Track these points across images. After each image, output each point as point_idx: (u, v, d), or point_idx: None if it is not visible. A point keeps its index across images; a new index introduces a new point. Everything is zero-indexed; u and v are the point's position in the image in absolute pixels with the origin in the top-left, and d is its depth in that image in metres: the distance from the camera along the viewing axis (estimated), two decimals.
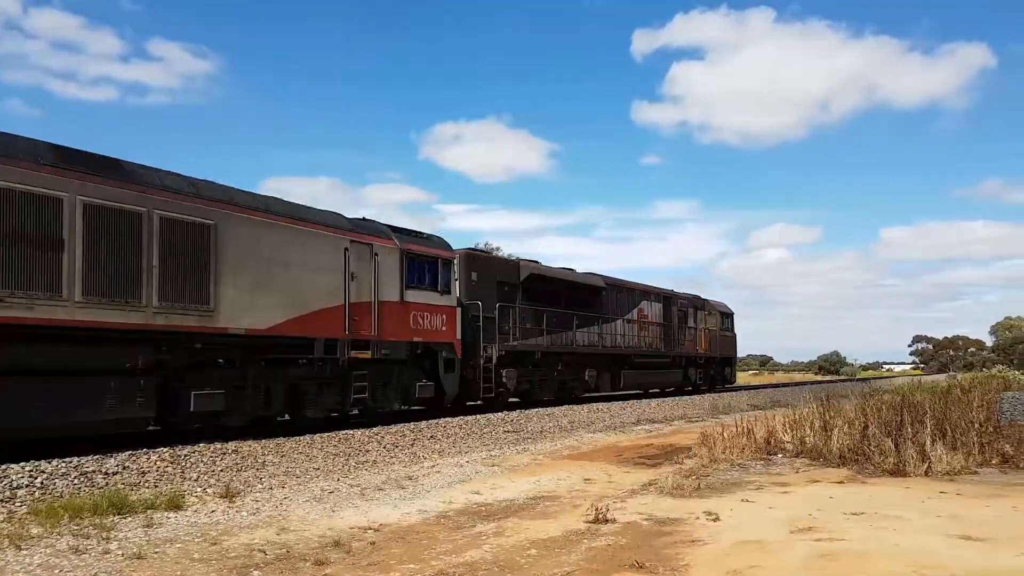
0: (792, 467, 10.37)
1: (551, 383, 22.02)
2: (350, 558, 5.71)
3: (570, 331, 22.65)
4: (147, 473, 8.87)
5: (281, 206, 13.30)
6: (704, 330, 32.39)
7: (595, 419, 18.00)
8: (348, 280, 13.96)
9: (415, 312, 15.77)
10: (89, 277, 9.88)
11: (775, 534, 6.38)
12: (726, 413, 20.76)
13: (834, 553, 5.71)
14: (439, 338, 16.51)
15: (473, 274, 18.85)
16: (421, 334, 15.92)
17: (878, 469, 9.82)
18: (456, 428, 14.20)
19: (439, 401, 16.83)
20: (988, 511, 7.33)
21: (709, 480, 9.26)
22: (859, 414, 11.78)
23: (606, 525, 6.74)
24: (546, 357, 21.49)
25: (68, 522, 6.59)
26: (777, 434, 12.24)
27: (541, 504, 7.93)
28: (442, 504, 7.91)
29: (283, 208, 13.27)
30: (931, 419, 10.95)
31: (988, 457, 10.43)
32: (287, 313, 12.69)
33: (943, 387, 17.32)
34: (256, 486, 8.81)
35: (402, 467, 10.56)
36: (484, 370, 18.51)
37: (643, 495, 8.37)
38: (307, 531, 6.61)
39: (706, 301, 33.31)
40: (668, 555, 5.72)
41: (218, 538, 6.30)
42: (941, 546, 5.91)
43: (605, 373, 24.77)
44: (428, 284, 16.21)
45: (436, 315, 16.40)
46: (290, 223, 13.02)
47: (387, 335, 14.90)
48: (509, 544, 6.14)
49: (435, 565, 5.49)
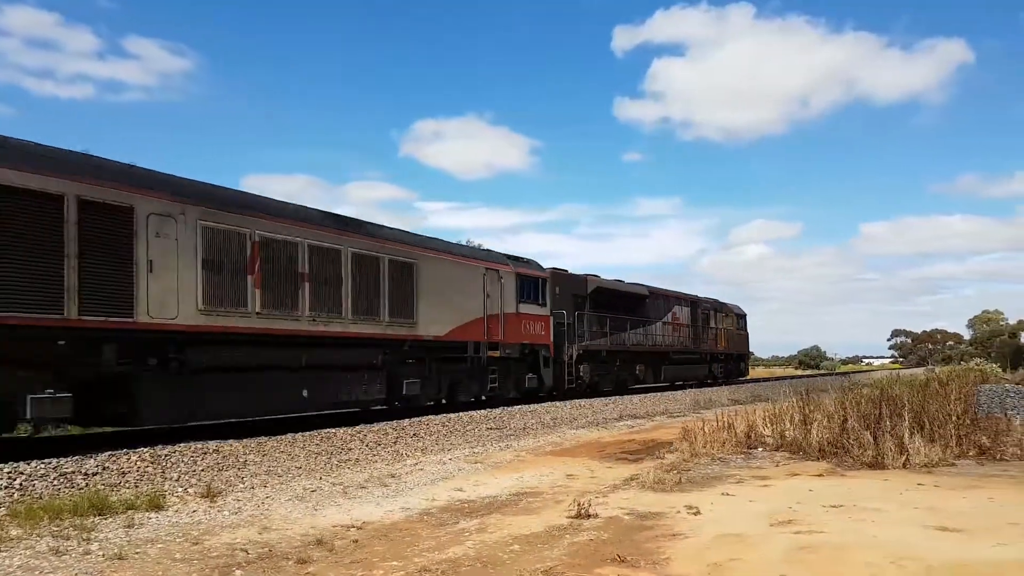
0: (772, 461, 10.46)
1: (611, 376, 26.01)
2: (333, 556, 5.70)
3: (624, 333, 26.97)
4: (127, 473, 8.80)
5: (446, 246, 18.42)
6: (723, 330, 36.46)
7: (578, 415, 18.05)
8: (485, 298, 18.57)
9: (525, 321, 20.38)
10: (356, 302, 14.41)
11: (755, 527, 6.44)
12: (707, 408, 20.89)
13: (813, 545, 5.78)
14: (540, 341, 21.10)
15: (556, 288, 22.68)
16: (529, 338, 20.51)
17: (857, 462, 9.93)
18: (439, 426, 14.19)
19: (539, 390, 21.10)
20: (965, 502, 7.43)
21: (690, 474, 9.32)
22: (838, 408, 11.90)
23: (588, 520, 6.77)
24: (608, 355, 25.65)
25: (48, 523, 6.54)
26: (757, 428, 12.35)
27: (524, 500, 7.96)
28: (425, 501, 7.92)
29: (448, 247, 18.42)
30: (909, 412, 11.08)
31: (965, 449, 10.57)
32: (453, 324, 17.35)
33: (921, 380, 17.51)
34: (238, 485, 8.77)
35: (385, 465, 10.56)
36: (568, 366, 22.86)
37: (625, 490, 8.41)
38: (289, 530, 6.60)
39: (724, 304, 37.21)
40: (649, 549, 5.76)
41: (200, 538, 6.28)
42: (918, 537, 5.99)
43: (649, 368, 29.05)
44: (532, 299, 20.79)
45: (538, 323, 21.07)
46: (452, 258, 17.89)
47: (508, 339, 19.49)
48: (492, 540, 6.16)
49: (418, 562, 5.50)
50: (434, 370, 16.93)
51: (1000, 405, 13.85)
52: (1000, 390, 15.78)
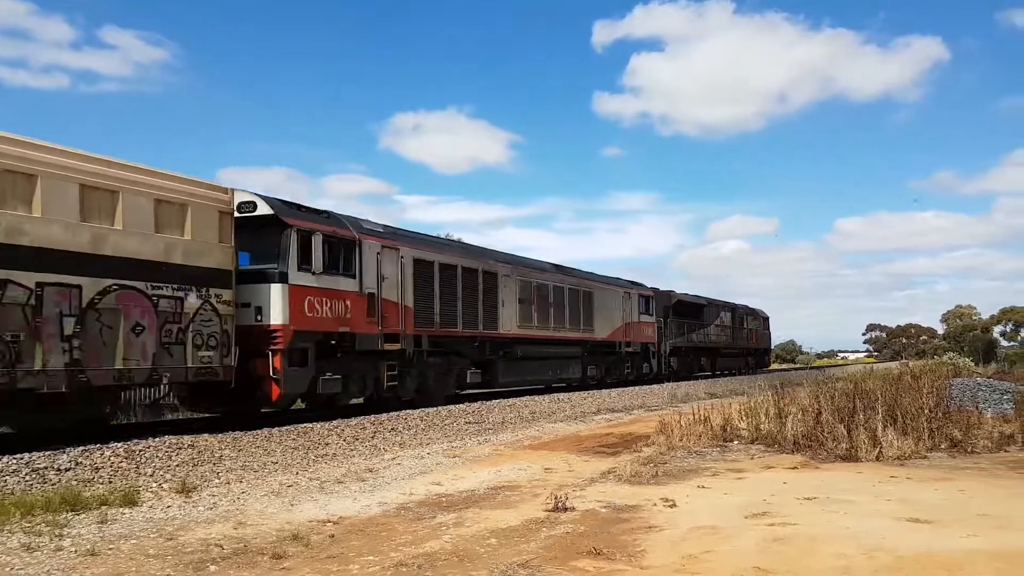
0: (748, 453, 10.55)
1: (686, 366, 35.44)
2: (308, 551, 5.68)
3: (693, 333, 36.46)
4: (101, 469, 8.72)
5: (603, 278, 28.06)
6: (753, 330, 46.47)
7: (556, 409, 18.09)
8: (623, 312, 28.47)
9: (642, 326, 30.27)
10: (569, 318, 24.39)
11: (730, 519, 6.49)
12: (684, 402, 21.01)
13: (787, 537, 5.84)
14: (649, 340, 30.97)
15: (654, 302, 31.68)
16: (644, 338, 30.37)
17: (831, 455, 10.03)
18: (417, 420, 14.17)
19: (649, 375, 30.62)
20: (936, 494, 7.54)
21: (667, 467, 9.38)
22: (813, 401, 12.02)
23: (565, 513, 6.79)
24: (684, 350, 35.17)
25: (20, 520, 6.47)
26: (733, 421, 12.43)
27: (502, 494, 7.97)
28: (402, 496, 7.90)
29: (605, 279, 28.08)
30: (883, 405, 11.20)
31: (937, 442, 10.70)
32: (609, 330, 27.30)
33: (895, 374, 17.74)
34: (213, 480, 8.71)
35: (362, 460, 10.52)
36: (662, 357, 32.45)
37: (602, 483, 8.45)
38: (265, 525, 6.56)
39: (753, 309, 47.54)
40: (625, 541, 5.80)
41: (174, 533, 6.23)
42: (890, 529, 6.07)
43: (708, 359, 38.97)
44: (645, 311, 30.54)
45: (649, 328, 30.96)
46: (607, 287, 27.73)
47: (635, 339, 29.48)
48: (469, 534, 6.16)
49: (394, 557, 5.49)
50: (600, 360, 26.92)
51: (972, 398, 14.06)
52: (972, 384, 16.03)
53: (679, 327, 34.24)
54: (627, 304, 28.68)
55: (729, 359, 41.84)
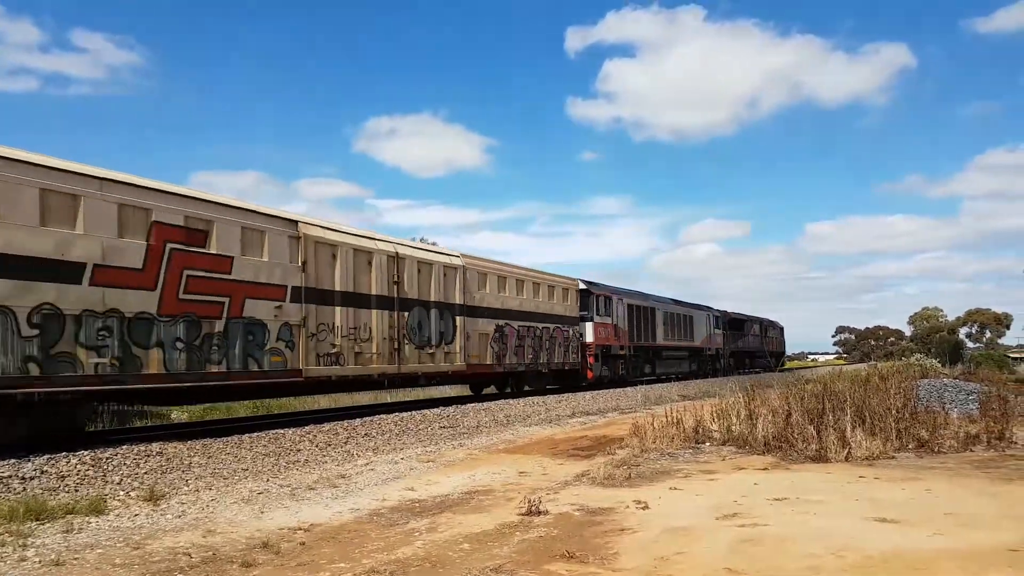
0: (719, 455, 10.63)
1: (740, 365, 49.20)
2: (279, 559, 5.63)
3: (738, 342, 49.62)
4: (67, 477, 8.57)
5: (696, 304, 41.38)
6: (773, 338, 60.82)
7: (531, 413, 18.09)
8: (705, 326, 41.54)
9: (714, 335, 43.09)
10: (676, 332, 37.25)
11: (702, 520, 6.53)
12: (658, 404, 21.10)
13: (757, 538, 5.88)
14: (719, 347, 44.10)
15: (721, 319, 44.91)
16: (715, 345, 43.48)
17: (801, 455, 10.13)
18: (391, 425, 14.10)
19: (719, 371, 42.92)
20: (904, 494, 7.64)
21: (640, 469, 9.42)
22: (783, 403, 12.14)
23: (539, 517, 6.79)
24: (734, 354, 48.40)
25: None
26: (705, 423, 12.52)
27: (475, 499, 7.95)
28: (375, 502, 7.85)
29: (696, 305, 41.38)
30: (851, 406, 11.35)
31: (905, 442, 10.85)
32: (701, 338, 40.91)
33: (863, 376, 17.97)
34: (182, 488, 8.59)
35: (335, 465, 10.45)
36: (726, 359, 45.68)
37: (576, 486, 8.46)
38: (235, 533, 6.49)
39: (772, 321, 61.85)
40: (598, 544, 5.81)
41: (141, 542, 6.14)
42: (859, 529, 6.14)
43: (747, 361, 52.13)
44: (715, 326, 43.33)
45: (719, 337, 44.28)
46: (697, 310, 40.88)
47: (712, 346, 42.70)
48: (442, 539, 6.14)
49: (366, 563, 5.45)
50: (696, 360, 40.07)
51: (939, 399, 14.30)
52: (939, 384, 16.30)
53: (731, 338, 47.93)
54: (708, 322, 42.41)
55: (761, 359, 56.30)
